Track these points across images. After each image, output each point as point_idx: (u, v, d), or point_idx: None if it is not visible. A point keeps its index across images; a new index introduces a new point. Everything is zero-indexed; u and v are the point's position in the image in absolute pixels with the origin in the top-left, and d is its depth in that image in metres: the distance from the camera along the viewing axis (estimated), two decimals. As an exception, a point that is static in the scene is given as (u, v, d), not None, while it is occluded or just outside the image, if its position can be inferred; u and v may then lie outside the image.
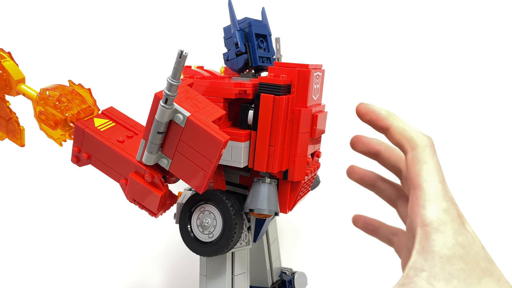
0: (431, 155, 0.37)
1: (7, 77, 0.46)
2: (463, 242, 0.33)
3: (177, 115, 0.39)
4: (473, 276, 0.31)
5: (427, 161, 0.37)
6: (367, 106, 0.42)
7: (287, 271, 0.69)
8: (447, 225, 0.33)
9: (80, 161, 0.46)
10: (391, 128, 0.41)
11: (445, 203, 0.34)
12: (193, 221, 0.50)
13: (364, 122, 0.43)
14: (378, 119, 0.42)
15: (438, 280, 0.31)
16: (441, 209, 0.34)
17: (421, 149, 0.37)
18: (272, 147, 0.45)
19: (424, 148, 0.37)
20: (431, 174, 0.36)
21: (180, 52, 0.35)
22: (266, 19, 0.56)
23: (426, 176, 0.36)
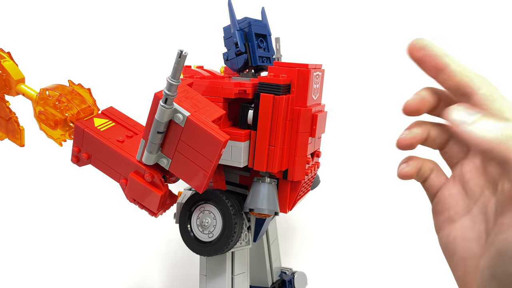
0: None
1: (7, 77, 0.46)
2: None
3: (177, 114, 0.39)
4: None
5: (503, 96, 0.32)
6: (423, 41, 0.36)
7: (287, 271, 0.69)
8: None
9: (80, 161, 0.46)
10: (450, 67, 0.34)
11: None
12: (193, 221, 0.50)
13: (413, 59, 0.37)
14: (436, 55, 0.35)
15: None
16: None
17: (490, 85, 0.33)
18: (272, 147, 0.45)
19: (491, 84, 0.33)
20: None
21: (180, 52, 0.35)
22: (266, 19, 0.56)
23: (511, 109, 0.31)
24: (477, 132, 0.29)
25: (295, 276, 0.67)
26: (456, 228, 0.35)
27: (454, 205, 0.36)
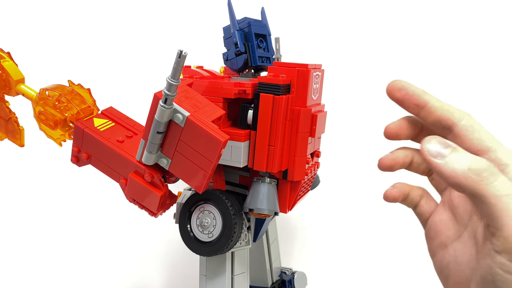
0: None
1: (7, 77, 0.46)
2: None
3: (177, 115, 0.39)
4: None
5: (483, 127, 0.33)
6: (401, 82, 0.38)
7: (287, 271, 0.69)
8: None
9: (79, 161, 0.46)
10: (429, 104, 0.35)
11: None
12: (192, 221, 0.50)
13: (393, 100, 0.38)
14: (415, 94, 0.37)
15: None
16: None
17: (470, 117, 0.34)
18: (272, 147, 0.45)
19: (471, 117, 0.34)
20: (493, 138, 0.33)
21: (180, 52, 0.35)
22: (266, 19, 0.56)
23: (491, 139, 0.32)
24: (447, 165, 0.30)
25: (295, 276, 0.67)
26: (449, 253, 0.35)
27: (445, 231, 0.37)
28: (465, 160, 0.30)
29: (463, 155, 0.30)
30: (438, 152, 0.31)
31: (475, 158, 0.30)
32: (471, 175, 0.29)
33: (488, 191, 0.29)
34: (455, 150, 0.31)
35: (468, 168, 0.29)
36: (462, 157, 0.30)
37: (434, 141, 0.31)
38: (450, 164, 0.30)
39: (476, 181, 0.29)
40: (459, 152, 0.31)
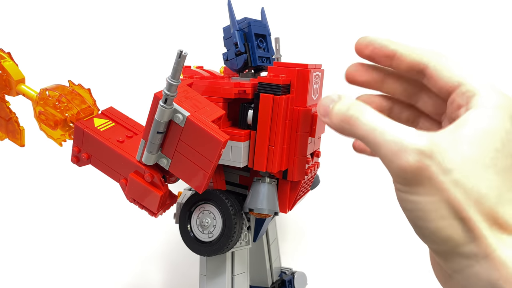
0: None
1: (7, 77, 0.46)
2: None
3: (177, 115, 0.39)
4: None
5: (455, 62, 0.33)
6: (367, 38, 0.38)
7: (287, 271, 0.69)
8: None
9: (80, 161, 0.46)
10: (398, 52, 0.36)
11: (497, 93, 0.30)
12: (193, 221, 0.50)
13: (364, 57, 0.38)
14: (382, 46, 0.37)
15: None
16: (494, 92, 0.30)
17: (441, 56, 0.34)
18: (272, 147, 0.45)
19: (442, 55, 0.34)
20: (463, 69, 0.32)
21: (180, 52, 0.35)
22: (266, 19, 0.56)
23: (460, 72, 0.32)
24: (331, 121, 0.33)
25: (295, 276, 0.67)
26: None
27: None
28: (335, 110, 0.32)
29: (337, 105, 0.32)
30: (325, 111, 0.33)
31: (340, 103, 0.33)
32: (343, 120, 0.32)
33: (360, 130, 0.31)
34: (335, 104, 0.33)
35: (340, 117, 0.32)
36: (336, 108, 0.32)
37: (322, 103, 0.34)
38: (332, 119, 0.32)
39: (349, 124, 0.31)
40: (336, 104, 0.33)
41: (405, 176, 0.29)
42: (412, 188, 0.29)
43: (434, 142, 0.28)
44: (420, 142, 0.28)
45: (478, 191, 0.28)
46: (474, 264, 0.28)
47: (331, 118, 0.33)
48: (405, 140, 0.28)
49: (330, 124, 0.33)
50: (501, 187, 0.28)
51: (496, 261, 0.27)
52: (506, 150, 0.29)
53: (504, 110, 0.29)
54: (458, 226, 0.28)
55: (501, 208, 0.28)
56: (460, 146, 0.28)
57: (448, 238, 0.28)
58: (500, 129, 0.29)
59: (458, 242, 0.28)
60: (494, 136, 0.28)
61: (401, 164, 0.28)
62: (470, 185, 0.28)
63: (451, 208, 0.28)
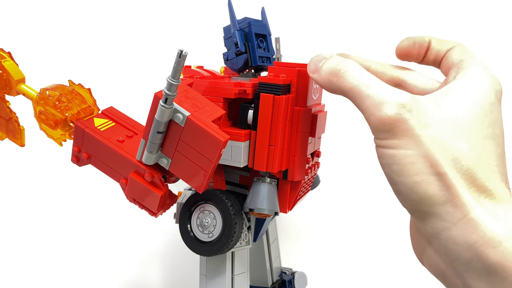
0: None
1: (7, 77, 0.46)
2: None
3: (177, 114, 0.39)
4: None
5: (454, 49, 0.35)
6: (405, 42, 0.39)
7: (287, 271, 0.69)
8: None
9: (80, 161, 0.46)
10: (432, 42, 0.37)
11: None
12: (193, 221, 0.50)
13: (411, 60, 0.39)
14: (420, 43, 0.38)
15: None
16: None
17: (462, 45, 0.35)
18: (272, 147, 0.45)
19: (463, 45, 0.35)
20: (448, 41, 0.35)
21: (180, 51, 0.35)
22: (266, 19, 0.56)
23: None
24: (320, 76, 0.34)
25: (295, 276, 0.67)
26: None
27: None
28: (325, 65, 0.34)
29: (328, 62, 0.34)
30: (315, 68, 0.35)
31: (330, 60, 0.34)
32: (331, 73, 0.33)
33: (347, 83, 0.32)
34: (325, 61, 0.34)
35: (329, 71, 0.33)
36: (325, 65, 0.34)
37: (313, 60, 0.36)
38: (321, 73, 0.34)
39: (336, 77, 0.32)
40: (327, 61, 0.34)
41: (383, 129, 0.29)
42: (390, 141, 0.29)
43: (415, 99, 0.29)
44: (402, 97, 0.29)
45: (457, 149, 0.28)
46: (450, 226, 0.27)
47: (320, 73, 0.34)
48: (387, 94, 0.29)
49: (318, 79, 0.34)
50: (480, 151, 0.28)
51: (472, 223, 0.27)
52: (488, 119, 0.29)
53: (491, 84, 0.30)
54: (434, 182, 0.28)
55: (479, 169, 0.28)
56: (442, 108, 0.29)
57: (424, 195, 0.28)
58: (484, 100, 0.29)
59: (435, 201, 0.28)
60: (477, 105, 0.29)
61: (381, 116, 0.29)
62: (448, 143, 0.28)
63: (428, 162, 0.28)
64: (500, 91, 0.31)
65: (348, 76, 0.32)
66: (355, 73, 0.32)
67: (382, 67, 0.38)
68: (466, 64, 0.32)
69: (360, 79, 0.31)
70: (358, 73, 0.32)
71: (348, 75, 0.32)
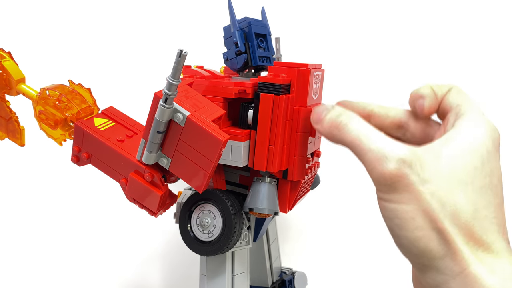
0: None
1: (7, 77, 0.46)
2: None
3: (177, 114, 0.39)
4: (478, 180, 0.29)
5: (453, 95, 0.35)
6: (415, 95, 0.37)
7: (287, 271, 0.69)
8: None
9: (80, 160, 0.46)
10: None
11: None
12: (193, 221, 0.50)
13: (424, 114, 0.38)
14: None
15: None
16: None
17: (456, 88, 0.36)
18: (272, 147, 0.45)
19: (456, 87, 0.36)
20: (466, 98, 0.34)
21: (180, 51, 0.35)
22: (266, 18, 0.56)
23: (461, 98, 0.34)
24: (322, 127, 0.35)
25: (295, 276, 0.67)
26: None
27: None
28: (327, 117, 0.35)
29: (329, 113, 0.35)
30: (318, 118, 0.36)
31: (332, 111, 0.35)
32: (332, 126, 0.34)
33: (348, 136, 0.33)
34: (327, 112, 0.35)
35: (330, 123, 0.34)
36: (327, 116, 0.35)
37: (316, 110, 0.36)
38: (323, 125, 0.35)
39: (337, 130, 0.33)
40: (329, 112, 0.35)
41: (385, 183, 0.30)
42: (391, 196, 0.30)
43: (415, 153, 0.30)
44: (402, 152, 0.29)
45: (455, 204, 0.28)
46: (449, 280, 0.28)
47: (322, 124, 0.35)
48: (387, 148, 0.30)
49: (321, 130, 0.36)
50: (477, 203, 0.29)
51: (471, 277, 0.27)
52: (485, 169, 0.30)
53: (488, 132, 0.31)
54: (434, 237, 0.28)
55: (477, 223, 0.28)
56: (440, 160, 0.29)
57: (424, 249, 0.29)
58: (482, 149, 0.30)
59: (435, 255, 0.29)
60: (474, 155, 0.30)
61: (382, 171, 0.30)
62: (447, 197, 0.29)
63: (428, 217, 0.28)
64: (498, 138, 0.32)
65: (349, 129, 0.33)
66: (355, 126, 0.33)
67: (384, 110, 0.39)
68: (464, 111, 0.33)
69: (360, 133, 0.32)
70: (358, 126, 0.32)
71: (349, 128, 0.33)
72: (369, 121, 0.38)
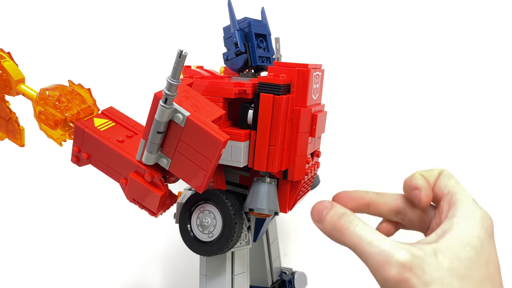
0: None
1: (7, 77, 0.46)
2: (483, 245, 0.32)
3: (177, 114, 0.39)
4: (477, 272, 0.31)
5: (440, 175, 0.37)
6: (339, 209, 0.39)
7: (287, 271, 0.69)
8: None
9: (80, 161, 0.46)
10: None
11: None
12: (193, 221, 0.50)
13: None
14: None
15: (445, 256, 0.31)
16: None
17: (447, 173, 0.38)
18: (272, 147, 0.45)
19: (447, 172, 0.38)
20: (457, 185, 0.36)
21: (180, 51, 0.35)
22: (266, 19, 0.56)
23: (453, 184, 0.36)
24: (324, 229, 0.37)
25: (295, 276, 0.67)
26: None
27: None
28: (328, 218, 0.36)
29: (330, 213, 0.36)
30: (319, 217, 0.37)
31: (333, 209, 0.36)
32: (334, 229, 0.35)
33: (349, 240, 0.34)
34: (327, 212, 0.37)
35: (332, 225, 0.36)
36: (329, 215, 0.36)
37: (316, 208, 0.38)
38: (324, 225, 0.36)
39: (339, 233, 0.35)
40: (329, 211, 0.37)
41: (389, 287, 0.32)
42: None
43: (414, 255, 0.31)
44: (403, 256, 0.31)
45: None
46: None
47: (324, 224, 0.37)
48: (388, 254, 0.32)
49: (322, 230, 0.37)
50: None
51: None
52: (481, 260, 0.31)
53: (479, 223, 0.33)
54: None
55: None
56: (438, 258, 0.31)
57: None
58: (475, 240, 0.32)
59: None
60: (468, 247, 0.31)
61: (385, 276, 0.31)
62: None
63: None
64: (491, 225, 0.33)
65: (351, 233, 0.34)
66: (357, 230, 0.34)
67: (382, 198, 0.40)
68: (455, 200, 0.34)
69: (362, 237, 0.33)
70: (360, 230, 0.34)
71: (350, 232, 0.34)
72: (369, 210, 0.40)
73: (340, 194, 0.41)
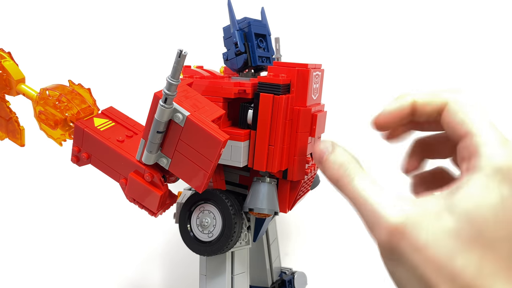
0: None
1: (7, 77, 0.46)
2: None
3: (177, 114, 0.39)
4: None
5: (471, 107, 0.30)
6: (376, 119, 0.37)
7: (287, 271, 0.69)
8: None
9: (80, 160, 0.46)
10: (417, 102, 0.34)
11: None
12: (192, 221, 0.50)
13: (382, 130, 0.38)
14: (392, 111, 0.37)
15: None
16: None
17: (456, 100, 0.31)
18: (272, 147, 0.45)
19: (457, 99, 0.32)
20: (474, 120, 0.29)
21: (180, 51, 0.35)
22: (266, 19, 0.56)
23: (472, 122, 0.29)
24: (324, 170, 0.34)
25: (295, 276, 0.67)
26: None
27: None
28: (331, 161, 0.34)
29: (331, 156, 0.34)
30: (320, 158, 0.34)
31: (335, 153, 0.34)
32: (333, 176, 0.33)
33: (347, 192, 0.32)
34: (329, 154, 0.34)
35: (332, 173, 0.33)
36: (331, 158, 0.34)
37: (317, 149, 0.35)
38: (325, 169, 0.34)
39: (338, 183, 0.33)
40: (330, 154, 0.34)
41: (380, 247, 0.30)
42: (388, 260, 0.30)
43: (408, 216, 0.28)
44: (394, 219, 0.28)
45: (452, 267, 0.27)
46: None
47: (324, 167, 0.34)
48: (380, 214, 0.29)
49: (323, 172, 0.35)
50: (483, 260, 0.26)
51: None
52: (500, 220, 0.26)
53: (503, 175, 0.27)
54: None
55: (480, 282, 0.26)
56: (441, 218, 0.27)
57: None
58: (493, 200, 0.27)
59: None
60: (484, 209, 0.27)
61: (376, 238, 0.30)
62: (445, 261, 0.27)
63: (423, 284, 0.27)
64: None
65: (348, 185, 0.32)
66: (353, 184, 0.32)
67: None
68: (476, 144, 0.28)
69: (358, 192, 0.31)
70: (358, 184, 0.32)
71: (348, 184, 0.32)
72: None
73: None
